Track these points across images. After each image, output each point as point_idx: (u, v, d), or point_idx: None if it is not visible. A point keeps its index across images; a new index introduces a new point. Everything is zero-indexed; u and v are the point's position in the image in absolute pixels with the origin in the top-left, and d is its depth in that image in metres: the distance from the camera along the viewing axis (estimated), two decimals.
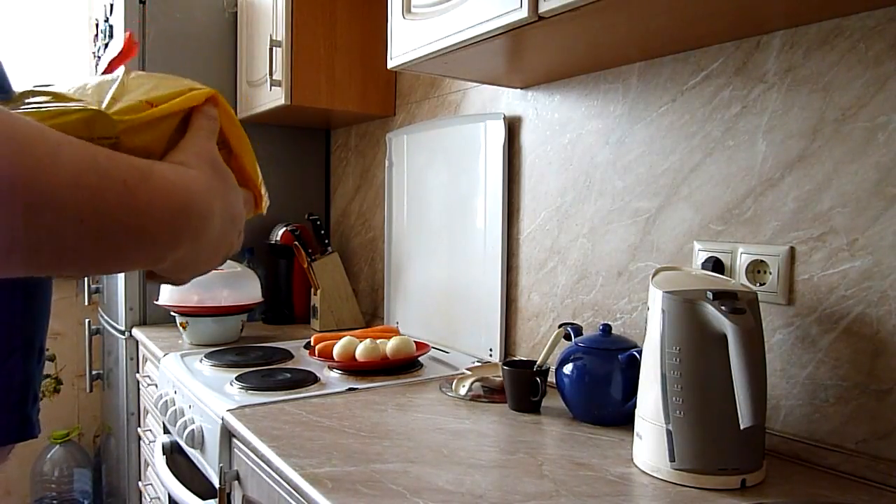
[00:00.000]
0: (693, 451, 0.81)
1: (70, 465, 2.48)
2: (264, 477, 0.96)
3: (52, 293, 0.61)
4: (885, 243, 0.83)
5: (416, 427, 1.03)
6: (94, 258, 0.36)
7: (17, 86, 0.55)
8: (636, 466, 0.88)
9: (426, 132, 1.69)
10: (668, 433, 0.83)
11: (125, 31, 1.88)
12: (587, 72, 1.24)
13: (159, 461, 1.39)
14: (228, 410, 1.10)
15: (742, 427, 0.75)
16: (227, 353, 1.56)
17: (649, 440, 0.85)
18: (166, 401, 1.39)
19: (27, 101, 0.43)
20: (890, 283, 0.83)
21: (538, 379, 1.10)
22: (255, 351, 1.59)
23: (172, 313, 1.73)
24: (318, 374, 1.33)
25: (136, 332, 1.89)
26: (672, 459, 0.82)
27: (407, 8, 1.18)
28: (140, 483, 1.88)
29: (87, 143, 0.36)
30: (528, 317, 1.40)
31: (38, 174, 0.32)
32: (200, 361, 1.47)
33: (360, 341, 1.39)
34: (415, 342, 1.44)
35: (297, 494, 0.83)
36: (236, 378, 1.29)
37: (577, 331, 1.11)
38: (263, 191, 0.55)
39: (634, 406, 0.90)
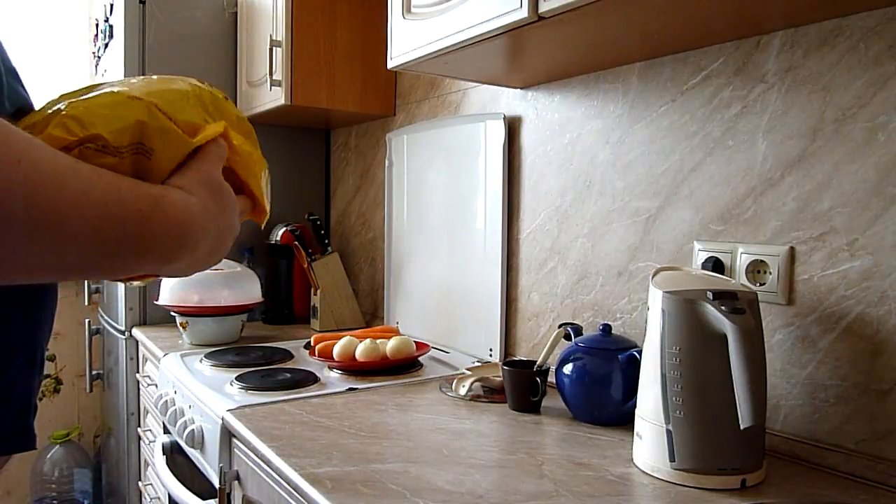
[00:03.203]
0: (693, 451, 0.81)
1: (70, 465, 2.48)
2: (264, 477, 0.96)
3: (56, 304, 0.62)
4: (886, 243, 0.83)
5: (416, 427, 1.03)
6: (104, 270, 0.42)
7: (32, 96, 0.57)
8: (636, 466, 0.88)
9: (426, 132, 1.69)
10: (668, 433, 0.83)
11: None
12: (587, 72, 1.24)
13: (159, 461, 1.39)
14: (228, 410, 1.10)
15: (742, 427, 0.75)
16: (227, 353, 1.56)
17: (649, 440, 0.85)
18: (166, 401, 1.39)
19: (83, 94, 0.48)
20: (890, 283, 0.83)
21: (538, 379, 1.10)
22: (255, 351, 1.59)
23: (172, 313, 1.72)
24: (318, 374, 1.33)
25: (136, 332, 1.89)
26: (672, 459, 0.82)
27: (407, 8, 1.18)
28: (140, 483, 1.88)
29: (114, 176, 0.41)
30: (528, 317, 1.40)
31: (72, 212, 0.36)
32: (200, 361, 1.47)
33: (360, 341, 1.39)
34: (415, 342, 1.44)
35: (297, 494, 0.83)
36: (236, 378, 1.29)
37: (577, 331, 1.11)
38: (267, 207, 0.60)
39: (634, 406, 0.90)
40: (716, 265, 1.01)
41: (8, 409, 0.55)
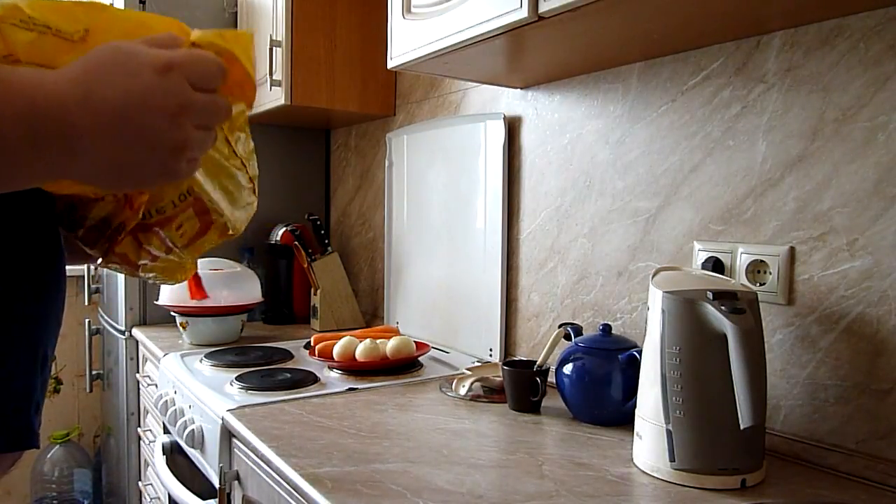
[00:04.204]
0: (693, 451, 0.81)
1: (70, 465, 2.48)
2: (264, 477, 0.96)
3: (63, 304, 0.60)
4: (885, 243, 0.83)
5: (416, 427, 1.03)
6: None
7: None
8: (636, 466, 0.88)
9: (426, 132, 1.69)
10: (668, 433, 0.83)
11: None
12: (587, 72, 1.24)
13: (159, 461, 1.39)
14: (228, 410, 1.10)
15: (742, 427, 0.75)
16: (227, 353, 1.56)
17: (649, 440, 0.85)
18: (166, 401, 1.39)
19: None
20: (890, 283, 0.83)
21: (538, 379, 1.10)
22: (255, 351, 1.59)
23: (172, 313, 1.72)
24: (318, 374, 1.33)
25: (136, 332, 1.89)
26: (672, 459, 0.82)
27: (407, 8, 1.18)
28: (140, 483, 1.88)
29: None
30: (528, 317, 1.40)
31: None
32: (200, 361, 1.47)
33: (360, 341, 1.39)
34: (415, 342, 1.44)
35: (297, 494, 0.83)
36: (236, 378, 1.29)
37: (577, 331, 1.11)
38: (252, 73, 0.51)
39: (634, 406, 0.90)
40: (716, 265, 1.01)
41: (4, 406, 0.54)
